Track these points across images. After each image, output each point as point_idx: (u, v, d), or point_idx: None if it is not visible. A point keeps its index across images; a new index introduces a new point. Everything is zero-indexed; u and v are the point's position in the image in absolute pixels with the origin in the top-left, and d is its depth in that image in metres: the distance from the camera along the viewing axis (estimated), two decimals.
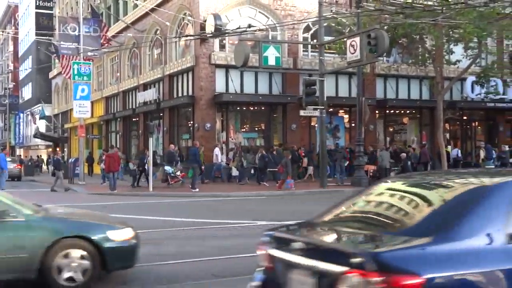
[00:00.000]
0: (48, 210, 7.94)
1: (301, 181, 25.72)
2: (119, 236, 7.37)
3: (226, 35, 25.85)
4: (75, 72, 30.28)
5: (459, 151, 31.11)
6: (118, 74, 39.38)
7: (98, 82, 43.25)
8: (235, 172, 26.27)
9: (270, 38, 28.20)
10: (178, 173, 25.07)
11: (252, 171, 26.25)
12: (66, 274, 6.91)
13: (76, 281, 6.96)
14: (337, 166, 26.20)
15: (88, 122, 39.43)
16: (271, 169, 25.35)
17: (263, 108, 30.02)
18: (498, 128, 34.13)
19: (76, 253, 7.00)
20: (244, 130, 30.02)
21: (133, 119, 37.98)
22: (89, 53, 32.42)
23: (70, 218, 7.94)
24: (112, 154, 25.07)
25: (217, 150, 26.55)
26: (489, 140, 32.84)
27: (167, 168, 25.08)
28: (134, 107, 36.40)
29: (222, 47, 28.44)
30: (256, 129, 30.49)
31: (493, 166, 26.54)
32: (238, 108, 29.72)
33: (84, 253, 7.02)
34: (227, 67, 27.80)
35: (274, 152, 26.06)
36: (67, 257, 6.96)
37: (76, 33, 31.85)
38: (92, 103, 35.14)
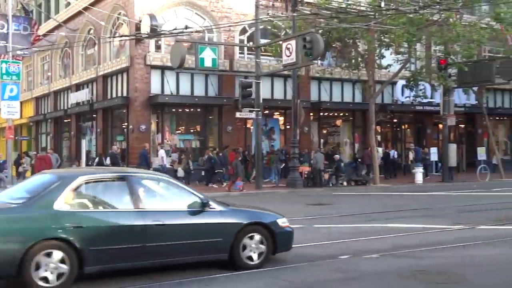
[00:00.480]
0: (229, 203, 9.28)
1: (250, 183, 25.87)
2: (284, 223, 8.88)
3: (162, 36, 25.62)
4: (3, 71, 29.07)
5: (396, 152, 32.19)
6: (50, 74, 38.24)
7: (28, 82, 41.85)
8: (180, 174, 26.23)
9: (206, 39, 28.15)
10: None
11: (203, 173, 26.29)
12: (248, 253, 8.37)
13: (254, 261, 8.39)
14: (273, 168, 26.52)
15: (17, 123, 38.05)
16: (218, 171, 25.58)
17: (199, 109, 29.92)
18: (426, 131, 35.41)
19: (257, 237, 8.45)
20: (179, 132, 29.80)
21: (65, 120, 36.99)
22: (19, 52, 31.28)
23: (249, 209, 9.30)
24: (43, 156, 24.35)
25: (162, 152, 26.36)
26: (418, 142, 34.05)
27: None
28: (66, 108, 35.47)
29: (158, 48, 28.15)
30: (192, 130, 30.34)
31: (421, 167, 27.53)
32: (174, 109, 29.49)
33: (261, 237, 8.48)
34: (162, 68, 27.54)
35: (221, 154, 26.26)
36: (251, 239, 8.41)
37: (5, 30, 30.66)
38: (21, 103, 33.91)
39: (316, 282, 7.73)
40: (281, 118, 31.66)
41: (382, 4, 25.13)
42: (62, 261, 7.01)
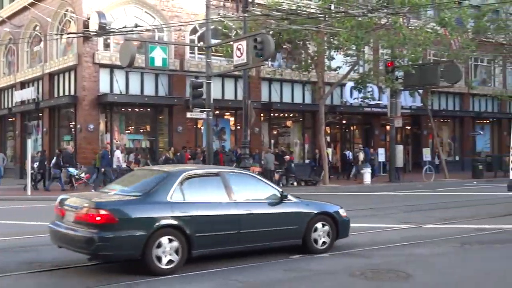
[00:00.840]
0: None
1: None
2: (343, 213, 10.16)
3: (111, 34, 25.20)
4: None
5: (351, 153, 32.76)
6: None
7: None
8: None
9: (156, 39, 27.87)
10: (83, 174, 24.68)
11: None
12: (317, 239, 9.67)
13: (322, 246, 9.71)
14: None
15: None
16: None
17: (148, 109, 29.60)
18: (374, 132, 36.13)
19: (324, 225, 9.76)
20: (129, 131, 29.40)
21: (9, 119, 35.91)
22: None
23: (315, 201, 10.52)
24: None
25: (118, 153, 25.99)
26: (366, 143, 34.70)
27: (71, 170, 24.53)
28: (10, 106, 34.44)
29: (107, 46, 27.67)
30: (142, 130, 29.99)
31: (369, 168, 28.06)
32: (123, 109, 29.06)
33: (328, 225, 9.79)
34: (111, 67, 27.08)
35: (178, 154, 26.22)
36: (320, 227, 9.71)
37: None
38: None
39: (269, 282, 7.77)
40: (232, 119, 31.68)
41: (332, 7, 25.51)
42: (176, 245, 8.11)
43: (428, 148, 34.15)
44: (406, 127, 37.93)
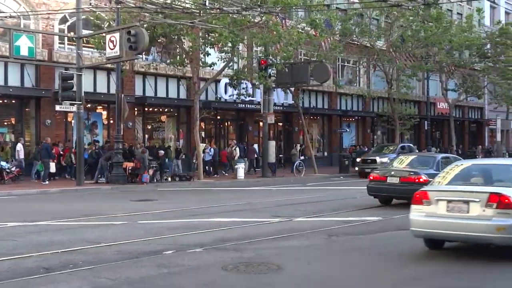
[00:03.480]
0: None
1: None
2: None
3: None
4: None
5: (258, 147, 33.46)
6: None
7: None
8: (52, 169, 24.65)
9: (22, 26, 26.27)
10: (14, 168, 23.66)
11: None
12: None
13: None
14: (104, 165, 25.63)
15: None
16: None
17: (13, 101, 27.84)
18: (248, 128, 36.80)
19: None
20: None
21: None
22: None
23: None
24: None
25: (19, 146, 24.47)
26: (240, 139, 35.25)
27: (3, 163, 23.30)
28: None
29: None
30: (6, 123, 28.14)
31: (242, 164, 28.54)
32: None
33: None
34: None
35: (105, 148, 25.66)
36: None
37: None
38: None
39: (140, 278, 7.66)
40: (105, 113, 30.72)
41: (207, 3, 25.60)
42: None
43: (299, 144, 35.45)
44: (279, 123, 39.04)
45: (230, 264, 8.39)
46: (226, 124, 37.58)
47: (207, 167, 29.31)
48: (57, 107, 24.16)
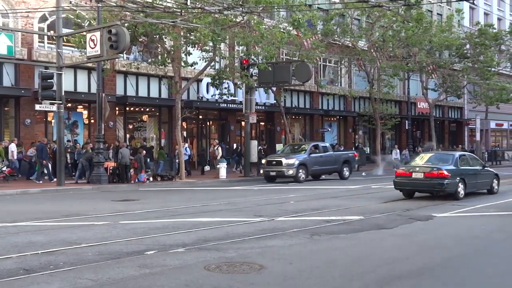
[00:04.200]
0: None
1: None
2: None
3: None
4: None
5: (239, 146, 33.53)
6: None
7: None
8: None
9: (1, 25, 25.98)
10: (5, 168, 23.82)
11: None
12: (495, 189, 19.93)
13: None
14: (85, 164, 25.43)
15: None
16: None
17: None
18: (230, 127, 36.78)
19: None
20: None
21: None
22: None
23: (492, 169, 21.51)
24: None
25: (12, 146, 24.34)
26: (222, 139, 35.22)
27: None
28: None
29: None
30: None
31: (225, 164, 28.50)
32: None
33: (497, 181, 20.26)
34: None
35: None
36: (496, 181, 20.05)
37: None
38: None
39: (121, 279, 7.61)
40: (85, 112, 30.50)
41: (188, 2, 25.50)
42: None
43: (281, 144, 35.50)
44: (261, 123, 39.08)
45: (213, 264, 8.37)
46: (208, 123, 37.53)
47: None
48: (37, 107, 23.90)
